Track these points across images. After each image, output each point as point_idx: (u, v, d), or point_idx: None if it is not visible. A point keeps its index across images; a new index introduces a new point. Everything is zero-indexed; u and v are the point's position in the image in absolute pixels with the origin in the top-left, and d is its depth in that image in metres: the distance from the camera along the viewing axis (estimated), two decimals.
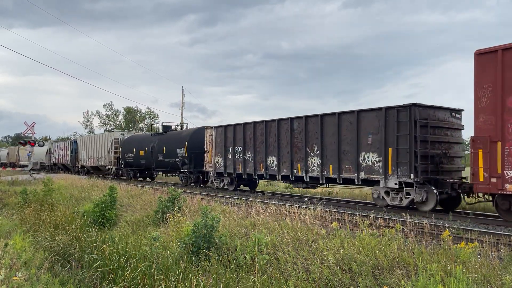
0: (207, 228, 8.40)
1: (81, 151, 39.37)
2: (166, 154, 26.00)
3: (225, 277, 6.77)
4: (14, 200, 19.09)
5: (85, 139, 39.41)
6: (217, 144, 21.56)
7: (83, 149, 38.83)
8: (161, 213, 12.54)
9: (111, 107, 71.60)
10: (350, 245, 7.46)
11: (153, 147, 27.56)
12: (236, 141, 20.29)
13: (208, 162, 22.36)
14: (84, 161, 38.43)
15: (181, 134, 26.59)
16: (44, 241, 10.06)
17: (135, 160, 29.98)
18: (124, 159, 31.56)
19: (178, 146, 24.86)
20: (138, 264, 7.20)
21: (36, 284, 6.27)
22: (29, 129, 46.17)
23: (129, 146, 30.97)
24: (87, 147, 37.84)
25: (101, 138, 35.41)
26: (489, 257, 6.83)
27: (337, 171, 15.01)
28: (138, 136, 33.40)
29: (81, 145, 39.65)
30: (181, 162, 24.48)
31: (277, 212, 11.44)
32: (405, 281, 5.96)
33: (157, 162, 27.29)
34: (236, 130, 20.39)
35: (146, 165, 28.91)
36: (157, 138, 28.04)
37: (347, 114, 14.82)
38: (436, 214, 12.23)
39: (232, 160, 20.39)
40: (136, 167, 30.52)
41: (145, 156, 28.48)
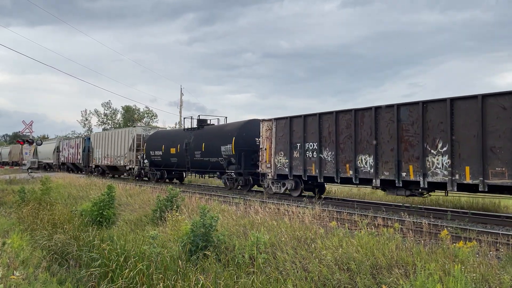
0: (205, 227, 8.39)
1: (96, 149, 35.55)
2: (205, 152, 22.42)
3: (224, 276, 6.76)
4: (12, 199, 19.06)
5: (101, 136, 35.29)
6: (279, 140, 17.66)
7: (98, 146, 35.06)
8: (160, 212, 12.53)
9: (109, 106, 71.48)
10: (348, 244, 7.45)
11: (187, 144, 23.94)
12: (308, 135, 16.32)
13: (265, 162, 18.35)
14: (99, 160, 34.79)
15: (224, 128, 22.41)
16: (42, 240, 10.04)
17: (164, 159, 26.46)
18: (150, 158, 27.87)
19: (221, 142, 21.24)
20: (137, 263, 7.18)
21: (34, 283, 6.25)
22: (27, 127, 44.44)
23: (156, 143, 27.35)
24: (103, 144, 34.10)
25: (120, 135, 31.53)
26: (488, 257, 6.83)
27: (479, 175, 11.18)
28: (166, 132, 29.46)
29: (95, 143, 35.87)
30: (226, 161, 20.96)
31: (275, 211, 11.44)
32: (404, 281, 5.96)
33: (193, 161, 23.68)
34: (307, 123, 16.40)
35: (178, 165, 25.39)
36: (193, 133, 24.16)
37: (497, 97, 11.10)
38: (435, 213, 12.24)
39: (301, 160, 16.47)
40: (165, 167, 26.90)
41: (178, 154, 24.93)
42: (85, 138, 39.08)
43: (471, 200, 15.10)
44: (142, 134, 30.05)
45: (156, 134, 28.83)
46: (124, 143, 30.79)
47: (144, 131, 30.55)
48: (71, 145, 42.40)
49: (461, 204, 15.14)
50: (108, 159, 33.28)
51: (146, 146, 28.40)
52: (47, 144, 51.59)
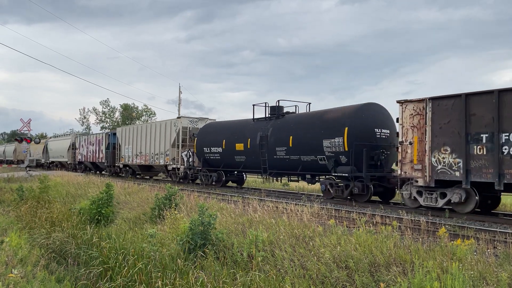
0: (204, 225, 8.40)
1: (124, 146, 30.57)
2: (293, 148, 17.01)
3: (223, 274, 6.77)
4: (10, 197, 19.02)
5: (132, 131, 30.05)
6: (440, 129, 12.21)
7: (128, 143, 30.09)
8: (158, 210, 12.52)
9: (107, 104, 71.36)
10: (347, 242, 7.47)
11: (263, 138, 18.52)
12: (506, 121, 10.87)
13: (409, 161, 12.89)
14: (129, 158, 29.67)
15: (326, 116, 16.38)
16: (40, 238, 10.04)
17: (225, 158, 21.12)
18: (203, 156, 22.64)
19: (324, 135, 15.75)
20: (135, 262, 7.19)
21: (32, 281, 6.25)
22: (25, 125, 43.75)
23: (213, 138, 22.03)
24: (135, 140, 29.12)
25: (159, 128, 26.43)
26: (485, 254, 6.85)
27: None
28: (226, 124, 23.12)
29: (124, 138, 30.84)
30: (331, 161, 15.49)
31: (274, 209, 11.45)
32: (402, 278, 5.98)
33: (272, 160, 18.06)
34: (505, 101, 10.90)
35: (247, 165, 19.96)
36: (270, 124, 18.70)
37: None
38: (433, 211, 12.26)
39: (492, 158, 11.00)
40: (225, 168, 21.54)
41: (247, 151, 19.47)
42: (109, 134, 34.19)
43: None
44: (188, 127, 24.72)
45: (210, 127, 23.44)
46: (164, 138, 25.54)
47: (190, 123, 25.02)
48: (90, 141, 36.86)
49: None
50: (141, 158, 28.19)
51: (198, 141, 23.06)
52: (60, 141, 45.95)
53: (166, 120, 26.18)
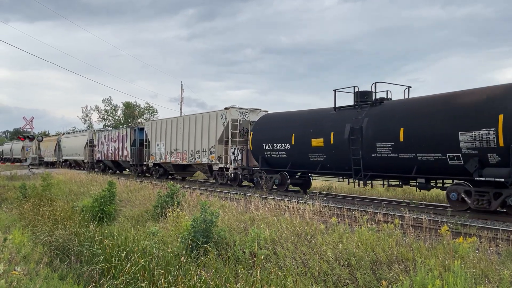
0: (206, 223, 8.41)
1: (155, 142, 26.70)
2: (406, 144, 13.09)
3: (225, 272, 6.78)
4: (13, 195, 19.10)
5: (165, 125, 25.99)
6: None
7: (160, 139, 26.22)
8: (160, 208, 12.56)
9: (110, 102, 71.41)
10: (348, 240, 7.47)
11: (355, 131, 14.43)
12: None
13: None
14: (162, 157, 25.80)
15: (457, 101, 12.34)
16: (43, 236, 10.08)
17: (295, 156, 17.03)
18: (262, 154, 18.53)
19: (460, 126, 11.83)
20: (138, 259, 7.21)
21: (35, 279, 6.28)
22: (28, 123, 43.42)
23: (276, 132, 17.97)
24: (169, 136, 25.25)
25: (201, 122, 22.49)
26: (488, 252, 6.85)
27: None
28: (294, 114, 18.32)
29: (154, 134, 26.87)
30: (474, 160, 11.56)
31: (276, 207, 11.45)
32: (404, 276, 5.98)
33: (370, 159, 14.16)
34: None
35: (330, 165, 15.78)
36: (365, 113, 14.59)
37: None
38: (435, 209, 12.24)
39: None
40: (296, 168, 17.45)
41: (330, 147, 15.40)
42: (135, 129, 30.04)
43: None
44: (238, 120, 20.67)
45: (271, 119, 19.32)
46: (208, 133, 21.67)
47: (241, 115, 20.85)
48: (112, 138, 32.84)
49: None
50: (177, 156, 24.35)
51: (255, 136, 19.07)
52: (75, 138, 41.81)
53: (211, 112, 21.99)
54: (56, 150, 46.42)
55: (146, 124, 29.19)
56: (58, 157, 45.78)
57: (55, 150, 46.58)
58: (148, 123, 28.74)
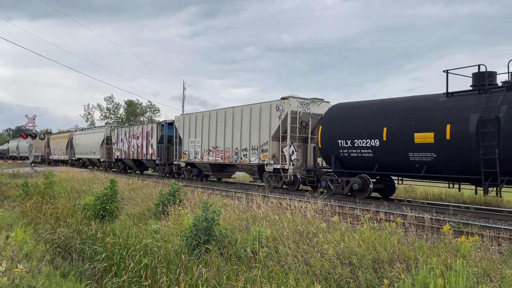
0: (207, 221, 8.43)
1: (188, 138, 23.27)
2: None
3: (226, 270, 6.79)
4: (16, 193, 19.16)
5: (202, 119, 22.41)
6: None
7: (195, 135, 22.80)
8: (162, 206, 12.58)
9: (112, 100, 71.50)
10: (350, 239, 7.47)
11: (486, 122, 11.41)
12: None
13: None
14: (197, 155, 22.45)
15: None
16: (45, 234, 10.11)
17: (386, 155, 13.70)
18: (336, 153, 15.12)
19: None
20: (140, 257, 7.22)
21: (38, 276, 6.30)
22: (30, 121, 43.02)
23: (357, 125, 14.62)
24: (206, 131, 21.86)
25: (248, 114, 19.11)
26: (489, 251, 6.84)
27: None
28: (381, 104, 14.48)
29: (188, 129, 23.46)
30: None
31: (277, 206, 11.46)
32: (405, 275, 5.98)
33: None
34: None
35: (443, 166, 12.50)
36: (501, 99, 11.37)
37: None
38: (437, 207, 12.22)
39: None
40: (386, 170, 14.18)
41: (443, 144, 12.22)
42: (162, 124, 26.96)
43: (473, 195, 15.08)
44: (299, 112, 17.23)
45: (348, 110, 15.53)
46: (259, 128, 18.40)
47: (301, 106, 17.45)
48: (134, 134, 29.51)
49: (463, 199, 15.13)
50: (217, 154, 21.06)
51: (325, 131, 15.65)
52: (89, 134, 38.39)
53: (263, 103, 18.64)
54: (68, 148, 43.29)
55: (176, 119, 25.09)
56: (70, 155, 42.72)
57: (67, 147, 43.37)
58: (180, 117, 24.75)
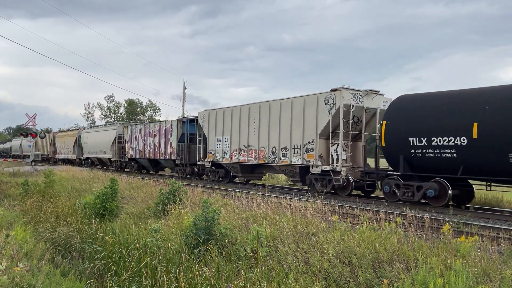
0: (207, 220, 8.43)
1: (214, 136, 20.91)
2: None
3: (226, 269, 6.80)
4: (16, 192, 19.16)
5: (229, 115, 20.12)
6: None
7: (222, 132, 20.44)
8: (162, 205, 12.59)
9: (112, 99, 71.52)
10: (350, 238, 7.48)
11: None
12: None
13: None
14: (226, 155, 20.12)
15: None
16: (45, 232, 10.12)
17: (478, 156, 11.48)
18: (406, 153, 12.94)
19: None
20: (140, 257, 7.23)
21: (38, 275, 6.30)
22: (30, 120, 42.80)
23: (436, 120, 12.37)
24: (236, 128, 19.56)
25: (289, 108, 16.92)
26: (489, 251, 6.84)
27: None
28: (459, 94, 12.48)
29: (214, 126, 21.06)
30: None
31: (277, 205, 11.46)
32: (405, 275, 5.98)
33: None
34: None
35: None
36: None
37: None
38: (437, 207, 12.22)
39: None
40: (480, 174, 11.87)
41: None
42: (183, 121, 24.87)
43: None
44: (352, 105, 15.12)
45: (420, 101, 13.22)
46: (303, 124, 16.22)
47: (354, 99, 15.28)
48: (150, 132, 27.40)
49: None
50: (249, 154, 18.76)
51: (391, 127, 13.45)
52: (100, 132, 35.62)
53: (308, 96, 16.29)
54: (75, 147, 40.55)
55: (200, 115, 22.52)
56: (77, 154, 40.20)
57: (74, 146, 40.69)
58: (204, 113, 22.09)
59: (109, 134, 33.28)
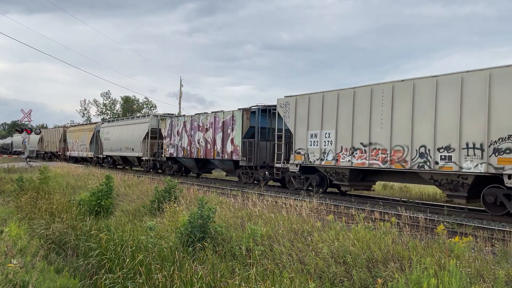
0: (203, 218, 8.42)
1: (305, 131, 15.93)
2: None
3: (221, 268, 6.80)
4: (10, 188, 19.07)
5: (331, 101, 15.19)
6: None
7: (320, 125, 15.46)
8: (158, 203, 12.56)
9: (108, 96, 71.31)
10: (345, 238, 7.49)
11: None
12: None
13: None
14: (328, 156, 15.08)
15: None
16: (40, 229, 10.07)
17: None
18: None
19: None
20: (135, 254, 7.22)
21: (31, 271, 6.28)
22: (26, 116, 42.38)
23: None
24: (346, 119, 14.60)
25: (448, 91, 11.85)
26: (483, 252, 6.88)
27: None
28: None
29: (305, 117, 16.05)
30: None
31: (273, 204, 11.47)
32: (399, 274, 6.00)
33: None
34: None
35: None
36: None
37: None
38: (432, 208, 12.28)
39: None
40: None
41: None
42: (252, 110, 19.56)
43: None
44: None
45: None
46: (489, 112, 10.97)
47: None
48: (200, 125, 22.66)
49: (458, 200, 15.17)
50: (372, 155, 13.74)
51: None
52: (127, 126, 30.21)
53: (493, 68, 11.06)
54: (92, 143, 35.56)
55: (280, 102, 17.20)
56: (95, 152, 35.06)
57: (91, 142, 35.68)
58: (289, 100, 16.79)
59: (139, 128, 28.20)
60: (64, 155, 42.61)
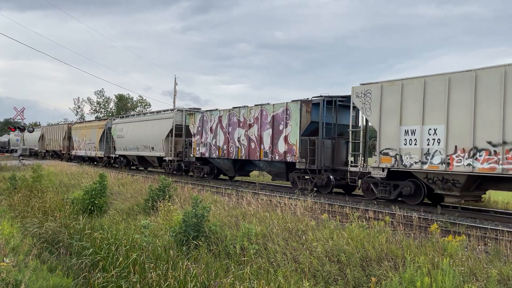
0: (197, 217, 8.40)
1: (397, 126, 12.71)
2: None
3: (215, 266, 6.79)
4: (3, 186, 18.92)
5: (431, 89, 11.99)
6: None
7: (414, 119, 12.37)
8: (152, 201, 12.53)
9: (102, 94, 71.01)
10: (339, 237, 7.51)
11: None
12: None
13: None
14: (433, 157, 11.87)
15: None
16: (33, 228, 10.00)
17: None
18: None
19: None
20: (129, 253, 7.18)
21: (24, 270, 6.23)
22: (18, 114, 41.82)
23: None
24: (453, 112, 11.48)
25: None
26: (476, 251, 6.93)
27: None
28: None
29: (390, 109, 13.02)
30: None
31: (267, 203, 11.48)
32: (393, 273, 6.03)
33: None
34: None
35: None
36: None
37: None
38: (425, 207, 12.34)
39: None
40: None
41: None
42: (314, 102, 16.46)
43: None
44: None
45: None
46: None
47: None
48: (240, 120, 19.51)
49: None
50: (508, 157, 10.42)
51: None
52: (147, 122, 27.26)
53: None
54: (102, 141, 32.49)
55: (358, 91, 14.13)
56: (106, 151, 31.81)
57: (101, 141, 32.60)
58: (369, 88, 13.77)
59: (161, 124, 24.83)
60: (69, 154, 39.14)
